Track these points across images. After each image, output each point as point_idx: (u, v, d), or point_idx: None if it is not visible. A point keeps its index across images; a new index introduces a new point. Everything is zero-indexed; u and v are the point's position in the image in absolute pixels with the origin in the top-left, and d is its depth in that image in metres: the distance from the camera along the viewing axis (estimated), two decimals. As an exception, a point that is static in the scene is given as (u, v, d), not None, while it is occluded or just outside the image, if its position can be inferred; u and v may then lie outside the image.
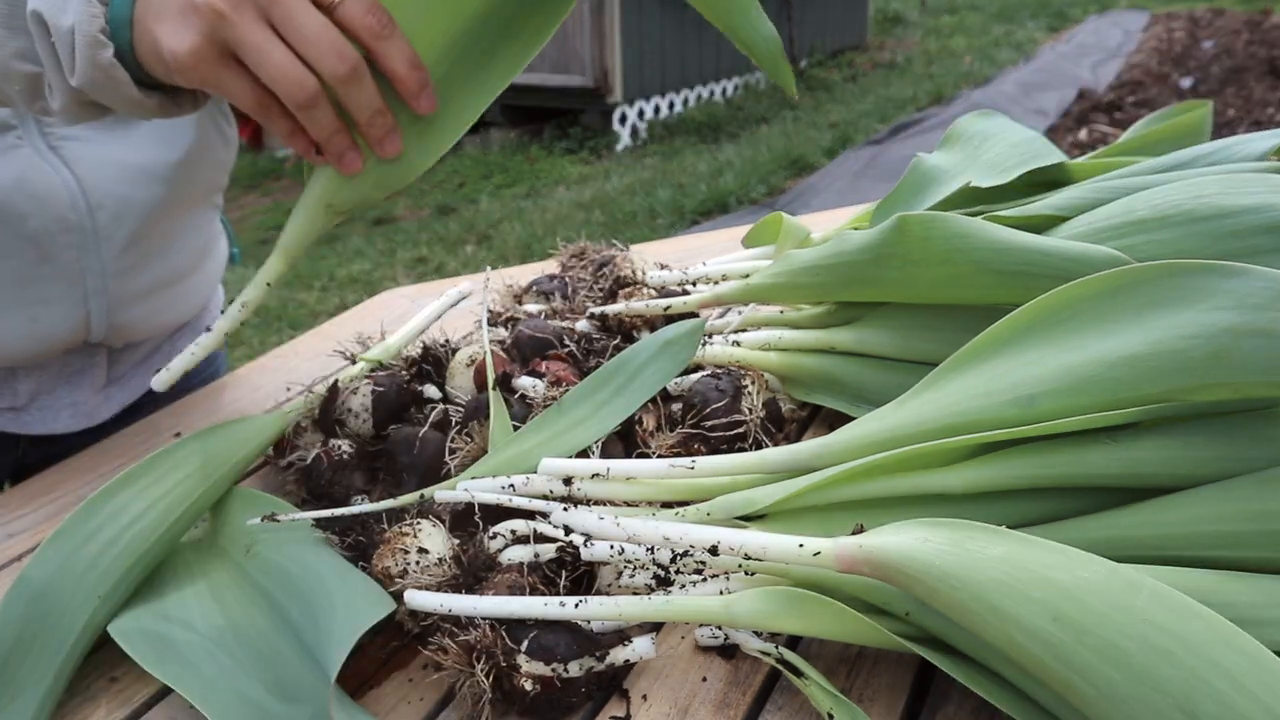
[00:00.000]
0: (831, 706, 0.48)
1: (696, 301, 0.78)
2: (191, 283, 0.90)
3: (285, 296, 3.73)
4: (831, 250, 0.68)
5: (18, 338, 0.75)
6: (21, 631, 0.54)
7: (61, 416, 0.83)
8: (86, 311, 0.77)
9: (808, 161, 5.18)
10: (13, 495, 0.77)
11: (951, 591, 0.42)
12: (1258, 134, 0.73)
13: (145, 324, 0.84)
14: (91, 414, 0.85)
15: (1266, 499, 0.47)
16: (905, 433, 0.55)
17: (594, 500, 0.61)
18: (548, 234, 4.11)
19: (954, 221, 0.62)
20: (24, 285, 0.73)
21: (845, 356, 0.73)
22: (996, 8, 11.13)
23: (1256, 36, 7.78)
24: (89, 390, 0.84)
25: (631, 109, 6.02)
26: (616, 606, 0.50)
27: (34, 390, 0.81)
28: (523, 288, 0.92)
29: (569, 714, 0.51)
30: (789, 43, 7.49)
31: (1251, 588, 0.45)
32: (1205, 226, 0.58)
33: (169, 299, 0.87)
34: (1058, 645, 0.39)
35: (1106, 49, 8.02)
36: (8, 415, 0.81)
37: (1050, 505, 0.52)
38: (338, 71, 0.49)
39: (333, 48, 0.49)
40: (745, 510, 0.56)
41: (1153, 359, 0.48)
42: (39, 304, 0.74)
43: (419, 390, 0.75)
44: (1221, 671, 0.36)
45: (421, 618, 0.55)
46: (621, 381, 0.68)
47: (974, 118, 0.86)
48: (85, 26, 0.48)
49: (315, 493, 0.68)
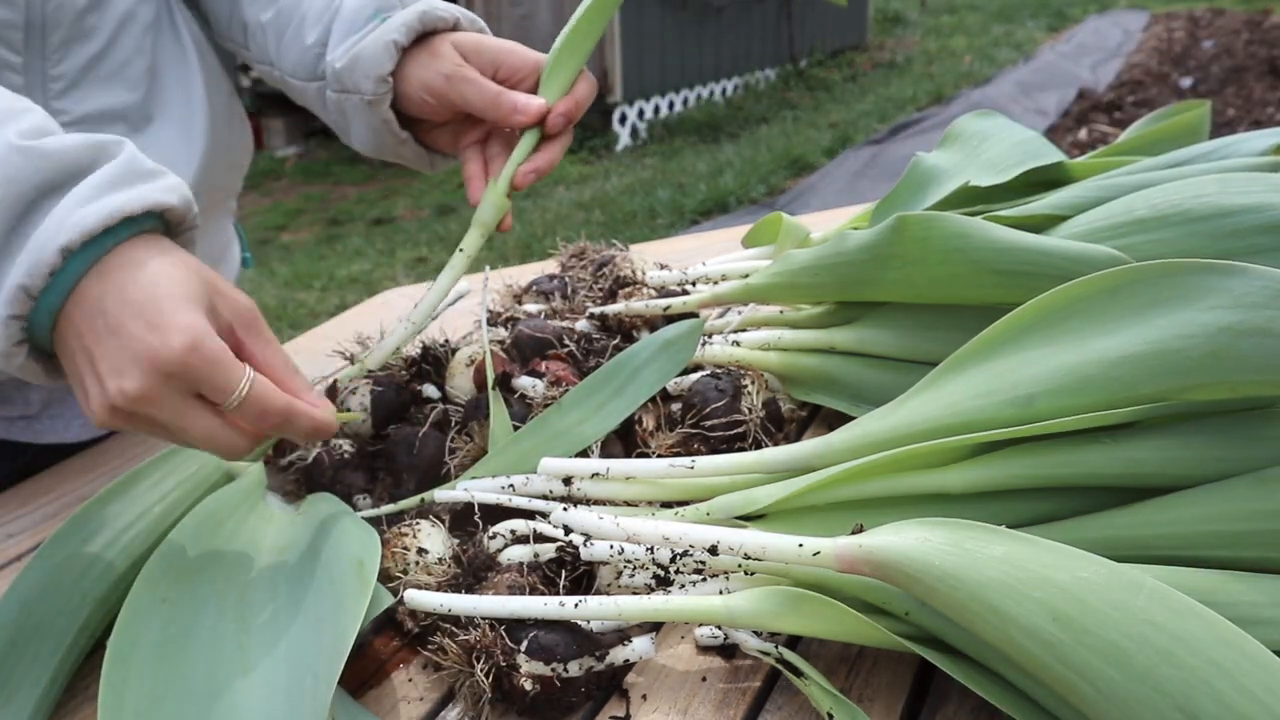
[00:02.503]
0: (831, 706, 0.48)
1: (696, 301, 0.78)
2: None
3: (285, 296, 3.73)
4: (831, 250, 0.68)
5: None
6: (17, 634, 0.54)
7: (73, 426, 0.83)
8: None
9: (807, 161, 5.18)
10: (13, 495, 0.77)
11: (951, 591, 0.42)
12: (1257, 133, 0.73)
13: None
14: None
15: (1265, 498, 0.47)
16: (905, 433, 0.55)
17: (594, 500, 0.61)
18: (547, 234, 4.11)
19: (953, 221, 0.62)
20: None
21: (845, 356, 0.73)
22: (996, 7, 11.13)
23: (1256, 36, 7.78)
24: None
25: (631, 109, 6.02)
26: (616, 606, 0.50)
27: (46, 399, 0.81)
28: (522, 288, 0.92)
29: (569, 714, 0.51)
30: (789, 43, 7.49)
31: (1251, 587, 0.45)
32: (1204, 226, 0.58)
33: None
34: (1057, 645, 0.39)
35: (1106, 49, 8.02)
36: (20, 423, 0.81)
37: (1049, 505, 0.53)
38: (238, 452, 0.51)
39: (227, 446, 0.50)
40: (745, 510, 0.56)
41: (1151, 358, 0.48)
42: None
43: (419, 390, 0.75)
44: (1221, 671, 0.36)
45: (421, 617, 0.56)
46: (621, 381, 0.68)
47: (973, 117, 0.86)
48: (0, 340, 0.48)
49: (316, 492, 0.68)
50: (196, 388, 0.48)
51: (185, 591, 0.53)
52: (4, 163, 0.47)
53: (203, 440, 0.50)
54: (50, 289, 0.47)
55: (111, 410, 0.48)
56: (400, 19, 0.66)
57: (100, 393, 0.48)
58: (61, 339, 0.49)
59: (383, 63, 0.66)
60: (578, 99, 0.68)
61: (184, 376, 0.47)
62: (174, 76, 0.76)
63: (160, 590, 0.53)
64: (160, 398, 0.47)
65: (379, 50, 0.66)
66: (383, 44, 0.66)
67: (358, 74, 0.68)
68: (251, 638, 0.50)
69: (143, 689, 0.47)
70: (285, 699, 0.46)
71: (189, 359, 0.47)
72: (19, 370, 0.50)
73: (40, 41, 0.67)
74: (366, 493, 0.68)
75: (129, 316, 0.47)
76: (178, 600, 0.52)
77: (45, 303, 0.48)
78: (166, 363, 0.46)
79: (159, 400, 0.47)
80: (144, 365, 0.46)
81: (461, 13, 0.70)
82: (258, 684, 0.48)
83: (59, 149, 0.48)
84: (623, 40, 5.75)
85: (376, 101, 0.68)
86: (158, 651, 0.49)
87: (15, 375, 0.50)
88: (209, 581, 0.54)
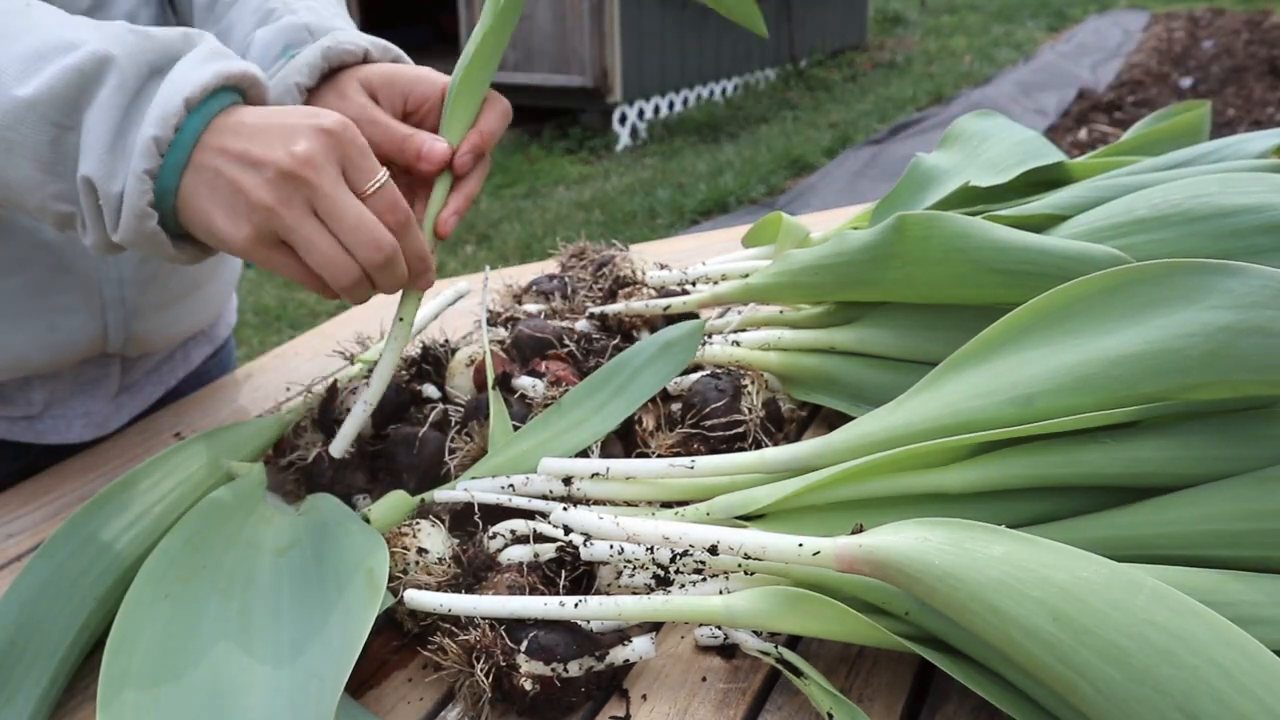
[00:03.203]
0: (831, 706, 0.48)
1: (696, 301, 0.78)
2: (208, 292, 0.90)
3: (285, 296, 3.73)
4: (831, 250, 0.68)
5: (36, 347, 0.75)
6: (18, 633, 0.54)
7: (75, 426, 0.83)
8: (105, 322, 0.77)
9: (807, 161, 5.18)
10: (13, 495, 0.77)
11: (951, 591, 0.42)
12: (1257, 133, 0.73)
13: (162, 334, 0.84)
14: (104, 423, 0.85)
15: (1265, 498, 0.47)
16: (904, 432, 0.55)
17: (594, 500, 0.61)
18: (547, 234, 4.12)
19: (953, 221, 0.62)
20: (42, 294, 0.73)
21: (845, 356, 0.73)
22: (996, 7, 11.13)
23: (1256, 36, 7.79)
24: (102, 399, 0.84)
25: (631, 109, 6.02)
26: (616, 606, 0.50)
27: (48, 399, 0.81)
28: (522, 288, 0.92)
29: (569, 714, 0.51)
30: (789, 43, 7.49)
31: (1251, 587, 0.45)
32: (1204, 226, 0.58)
33: (186, 308, 0.86)
34: (1057, 644, 0.39)
35: (1106, 49, 8.02)
36: (22, 424, 0.81)
37: (1049, 505, 0.53)
38: (374, 260, 0.55)
39: (371, 239, 0.54)
40: (745, 510, 0.56)
41: (1151, 358, 0.48)
42: (57, 313, 0.74)
43: (419, 390, 0.75)
44: (1221, 670, 0.36)
45: (421, 617, 0.56)
46: (621, 381, 0.68)
47: (973, 117, 0.86)
48: (134, 200, 0.51)
49: (316, 492, 0.68)
50: (349, 166, 0.54)
51: (186, 589, 0.53)
52: (123, 42, 0.52)
53: (355, 223, 0.54)
54: (175, 143, 0.52)
55: (277, 182, 0.52)
56: (304, 58, 0.63)
57: (261, 172, 0.52)
58: (195, 181, 0.53)
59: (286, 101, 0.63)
60: (484, 131, 0.64)
61: (343, 149, 0.53)
62: None
63: (162, 587, 0.53)
64: (322, 163, 0.52)
65: (282, 94, 0.63)
66: (285, 87, 0.63)
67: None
68: (254, 638, 0.50)
69: (144, 685, 0.47)
70: (289, 702, 0.46)
71: (348, 133, 0.54)
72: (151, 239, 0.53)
73: None
74: (366, 493, 0.68)
75: (279, 116, 0.54)
76: (179, 597, 0.52)
77: (173, 157, 0.52)
78: (331, 132, 0.53)
79: (321, 165, 0.52)
80: (310, 133, 0.52)
81: (371, 42, 0.66)
82: (261, 685, 0.47)
83: (163, 33, 0.54)
84: (623, 40, 5.75)
85: None
86: (159, 648, 0.49)
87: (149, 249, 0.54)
88: (210, 580, 0.54)
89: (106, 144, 0.51)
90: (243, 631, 0.51)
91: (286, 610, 0.52)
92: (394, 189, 0.56)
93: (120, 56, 0.51)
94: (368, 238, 0.54)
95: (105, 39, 0.52)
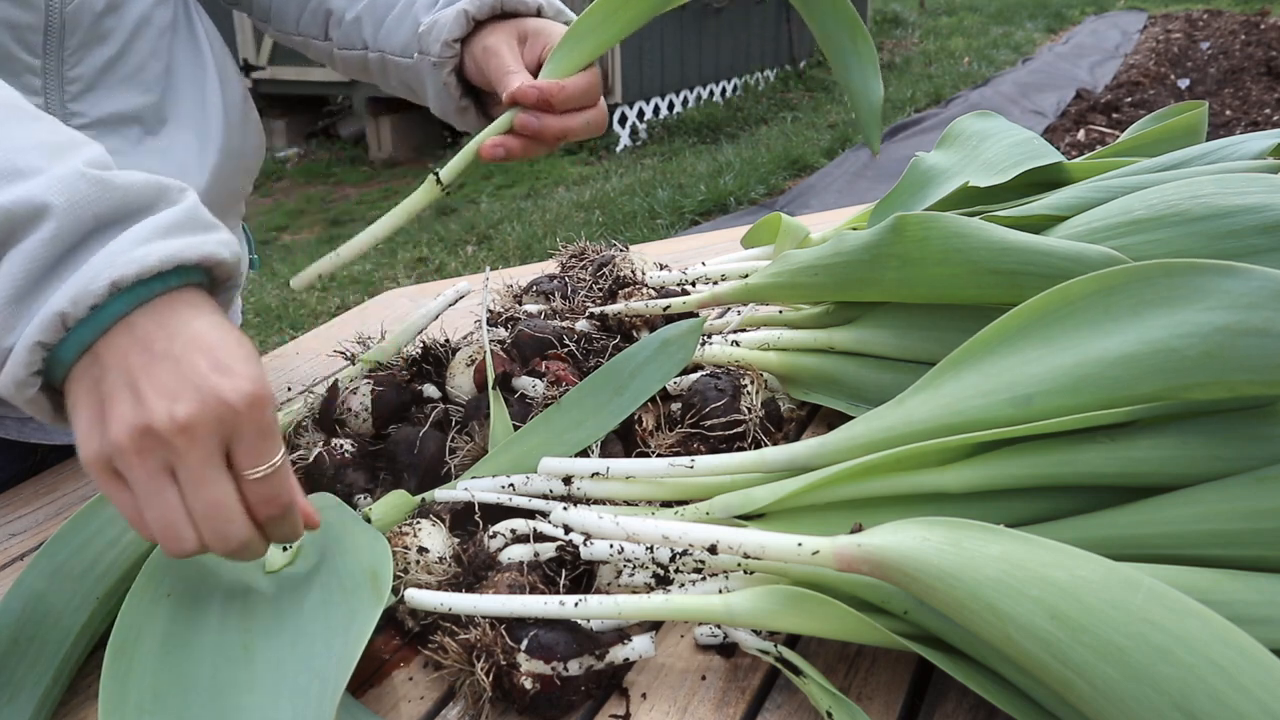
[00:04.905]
0: (830, 704, 0.48)
1: (695, 301, 0.78)
2: None
3: (286, 297, 3.73)
4: (830, 250, 0.68)
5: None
6: (20, 632, 0.54)
7: None
8: None
9: (807, 162, 5.18)
10: (15, 494, 0.77)
11: (949, 590, 0.42)
12: (1254, 134, 0.73)
13: None
14: None
15: (1263, 497, 0.47)
16: (903, 432, 0.55)
17: (594, 499, 0.61)
18: (548, 234, 4.11)
19: (952, 221, 0.62)
20: None
21: (844, 356, 0.73)
22: (995, 9, 11.14)
23: (1253, 37, 7.79)
24: None
25: (631, 109, 6.02)
26: (616, 605, 0.51)
27: None
28: (523, 288, 0.93)
29: (569, 712, 0.51)
30: (789, 43, 7.49)
31: (1248, 586, 0.45)
32: (1201, 226, 0.58)
33: None
34: (1055, 643, 0.39)
35: (1104, 50, 8.02)
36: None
37: (1047, 504, 0.53)
38: (215, 546, 0.47)
39: (218, 530, 0.47)
40: (744, 509, 0.56)
41: (1148, 358, 0.48)
42: None
43: (419, 390, 0.76)
44: (1219, 669, 0.36)
45: (422, 616, 0.56)
46: (621, 381, 0.68)
47: (972, 118, 0.86)
48: (17, 367, 0.45)
49: (318, 492, 0.68)
50: (238, 443, 0.46)
51: (188, 588, 0.53)
52: (70, 188, 0.45)
53: (209, 508, 0.46)
54: (86, 322, 0.45)
55: (141, 433, 0.44)
56: None
57: (135, 413, 0.44)
58: (86, 369, 0.46)
59: (451, 29, 0.70)
60: (563, 85, 0.66)
61: (237, 426, 0.45)
62: (190, 79, 0.76)
63: (164, 586, 0.53)
64: (203, 437, 0.44)
65: (451, 17, 0.70)
66: (455, 12, 0.70)
67: (431, 37, 0.72)
68: (256, 638, 0.50)
69: (145, 683, 0.47)
70: (290, 702, 0.46)
71: (252, 412, 0.45)
72: (27, 403, 0.47)
73: (58, 44, 0.67)
74: (367, 492, 0.69)
75: (193, 351, 0.45)
76: (181, 596, 0.53)
77: (76, 336, 0.45)
78: (229, 405, 0.44)
79: (200, 438, 0.44)
80: (204, 397, 0.44)
81: (548, 3, 0.73)
82: (263, 685, 0.48)
83: (126, 183, 0.47)
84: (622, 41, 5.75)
85: (440, 65, 0.72)
86: (161, 646, 0.49)
87: (20, 407, 0.48)
88: (212, 579, 0.54)
89: (12, 295, 0.44)
90: (245, 632, 0.51)
91: (289, 612, 0.52)
92: (283, 477, 0.48)
93: (60, 207, 0.44)
94: (216, 526, 0.46)
95: (54, 181, 0.45)
